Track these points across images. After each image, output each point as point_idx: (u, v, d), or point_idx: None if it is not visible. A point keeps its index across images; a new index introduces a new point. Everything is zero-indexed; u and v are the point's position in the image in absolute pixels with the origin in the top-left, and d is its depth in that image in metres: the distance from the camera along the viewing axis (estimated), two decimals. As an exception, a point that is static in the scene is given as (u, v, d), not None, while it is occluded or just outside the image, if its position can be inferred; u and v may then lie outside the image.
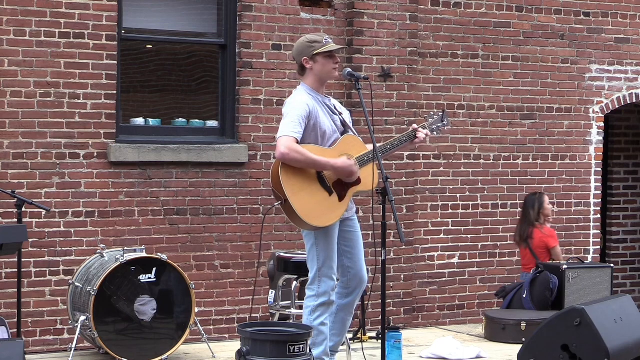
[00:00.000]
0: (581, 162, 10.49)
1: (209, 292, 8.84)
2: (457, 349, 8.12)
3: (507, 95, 10.13)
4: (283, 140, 6.23)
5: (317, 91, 6.48)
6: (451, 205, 9.89)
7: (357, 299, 6.62)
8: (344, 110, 6.67)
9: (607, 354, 6.34)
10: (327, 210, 6.34)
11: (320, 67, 6.44)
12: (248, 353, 5.78)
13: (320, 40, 6.45)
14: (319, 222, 6.31)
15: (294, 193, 6.23)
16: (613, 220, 11.45)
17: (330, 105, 6.55)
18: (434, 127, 6.90)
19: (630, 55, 10.69)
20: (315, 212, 6.28)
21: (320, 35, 6.56)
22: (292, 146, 6.21)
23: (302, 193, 6.26)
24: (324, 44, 6.42)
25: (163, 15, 9.01)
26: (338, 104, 6.69)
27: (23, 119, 8.19)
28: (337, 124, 6.51)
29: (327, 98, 6.59)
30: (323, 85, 6.55)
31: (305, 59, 6.45)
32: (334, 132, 6.47)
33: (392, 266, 9.32)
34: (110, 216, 8.48)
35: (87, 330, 7.36)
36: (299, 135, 6.26)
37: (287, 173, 6.23)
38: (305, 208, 6.24)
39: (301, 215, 6.22)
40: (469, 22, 9.93)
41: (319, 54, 6.41)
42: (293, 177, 6.25)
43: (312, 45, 6.43)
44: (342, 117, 6.57)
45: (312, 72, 6.46)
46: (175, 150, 8.67)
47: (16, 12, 8.15)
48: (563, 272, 9.17)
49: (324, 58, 6.43)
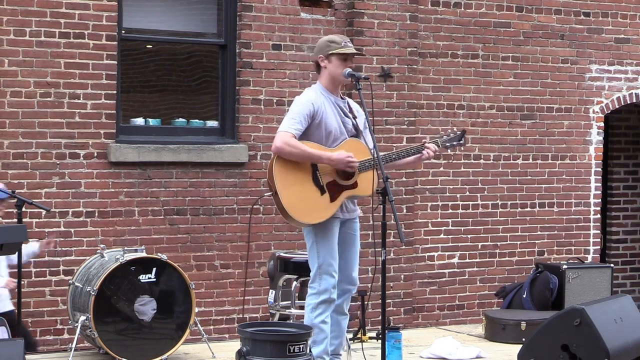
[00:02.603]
0: (581, 162, 10.48)
1: (209, 292, 8.84)
2: (457, 349, 8.12)
3: (507, 95, 10.13)
4: (280, 134, 6.30)
5: (330, 91, 6.49)
6: (451, 205, 9.89)
7: (346, 302, 6.61)
8: (359, 114, 6.63)
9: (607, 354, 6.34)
10: (316, 208, 6.34)
11: (333, 68, 6.46)
12: (248, 353, 5.78)
13: (340, 41, 6.47)
14: (304, 218, 6.34)
15: (285, 187, 6.28)
16: (613, 220, 11.44)
17: (343, 107, 6.55)
18: (448, 144, 6.83)
19: (630, 55, 10.69)
20: (302, 208, 6.31)
21: (341, 37, 6.59)
22: (289, 140, 6.25)
23: (293, 188, 6.30)
24: (342, 45, 6.45)
25: (163, 15, 9.01)
26: (356, 106, 6.67)
27: (23, 119, 8.20)
28: (347, 127, 6.51)
29: (343, 100, 6.58)
30: (337, 87, 6.55)
31: (321, 57, 6.48)
32: (341, 134, 6.47)
33: (392, 266, 9.32)
34: (110, 216, 8.48)
35: (87, 330, 7.36)
36: (298, 132, 6.29)
37: (281, 167, 6.29)
38: (292, 203, 6.28)
39: (287, 209, 6.28)
40: (469, 22, 9.93)
41: (334, 54, 6.43)
42: (286, 172, 6.30)
43: (330, 44, 6.46)
44: (355, 121, 6.56)
45: (326, 72, 6.49)
46: (175, 150, 8.67)
47: (16, 12, 8.15)
48: (563, 272, 9.17)
49: (338, 59, 6.44)
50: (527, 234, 10.25)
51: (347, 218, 6.52)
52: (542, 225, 10.31)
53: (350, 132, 6.53)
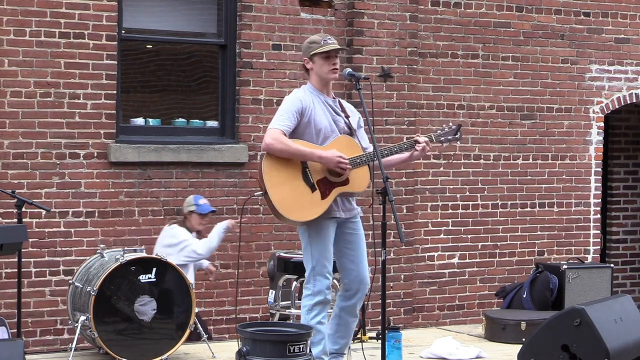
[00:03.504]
0: (581, 162, 10.48)
1: (209, 292, 8.84)
2: (457, 349, 8.11)
3: (507, 95, 10.13)
4: (270, 131, 6.28)
5: (320, 91, 6.48)
6: (451, 205, 9.89)
7: (359, 302, 6.58)
8: (353, 113, 6.63)
9: (607, 354, 6.33)
10: (306, 205, 6.30)
11: (317, 68, 6.43)
12: (248, 353, 5.78)
13: (319, 40, 6.44)
14: (294, 216, 6.29)
15: (274, 185, 6.26)
16: (613, 220, 11.44)
17: (334, 105, 6.53)
18: (443, 139, 6.80)
19: (630, 55, 10.69)
20: (292, 206, 6.27)
21: (321, 35, 6.55)
22: (279, 137, 6.23)
23: (283, 186, 6.27)
24: (322, 44, 6.41)
25: (163, 15, 9.01)
26: (349, 106, 6.65)
27: (23, 119, 8.20)
28: (339, 125, 6.48)
29: (334, 99, 6.57)
30: (327, 86, 6.53)
31: (305, 59, 6.47)
32: (332, 132, 6.45)
33: (392, 266, 9.32)
34: (110, 216, 8.48)
35: (87, 330, 7.36)
36: (287, 128, 6.28)
37: (270, 165, 6.28)
38: (282, 201, 6.25)
39: (277, 208, 6.25)
40: (469, 22, 9.93)
41: (316, 54, 6.42)
42: (276, 170, 6.28)
43: (310, 45, 6.45)
44: (348, 120, 6.55)
45: (313, 72, 6.48)
46: (175, 150, 8.67)
47: (16, 12, 8.15)
48: (563, 272, 9.17)
49: (321, 59, 6.42)
50: (527, 234, 10.25)
51: (345, 217, 6.47)
52: (542, 225, 10.32)
53: (342, 130, 6.49)
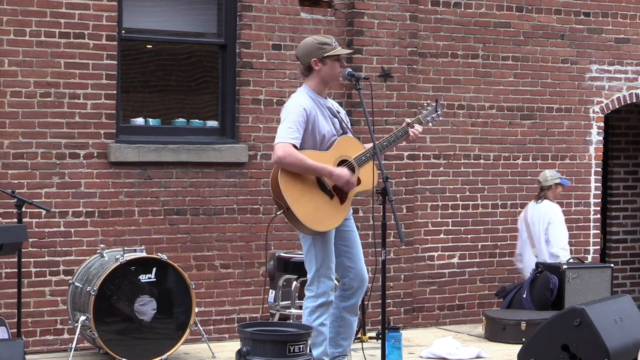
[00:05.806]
0: (581, 162, 10.48)
1: (209, 292, 8.83)
2: (457, 349, 8.12)
3: (507, 95, 10.13)
4: (280, 145, 6.24)
5: (319, 94, 6.47)
6: (451, 205, 9.88)
7: (360, 299, 6.62)
8: (340, 109, 6.67)
9: (607, 354, 6.34)
10: (329, 214, 6.35)
11: (328, 70, 6.43)
12: (248, 353, 5.78)
13: (330, 43, 6.44)
14: (322, 227, 6.32)
15: (295, 200, 6.23)
16: (613, 220, 11.44)
17: (331, 107, 6.54)
18: (429, 119, 6.91)
19: (630, 55, 10.69)
20: (317, 217, 6.28)
21: (328, 37, 6.56)
22: (290, 150, 6.21)
23: (303, 200, 6.26)
24: (334, 47, 6.43)
25: (163, 15, 9.01)
26: (336, 104, 6.68)
27: (23, 119, 8.19)
28: (336, 127, 6.51)
29: (325, 99, 6.58)
30: (326, 88, 6.54)
31: (315, 60, 6.42)
32: (332, 136, 6.47)
33: (392, 266, 9.32)
34: (110, 216, 8.48)
35: (87, 330, 7.36)
36: (297, 141, 6.26)
37: (286, 181, 6.24)
38: (307, 214, 6.25)
39: (304, 222, 6.24)
40: (469, 22, 9.93)
41: (330, 56, 6.41)
42: (292, 184, 6.25)
43: (322, 47, 6.41)
44: (340, 117, 6.57)
45: (318, 74, 6.45)
46: (175, 150, 8.67)
47: (16, 12, 8.15)
48: (563, 272, 9.17)
49: (333, 61, 6.43)
50: (527, 234, 10.24)
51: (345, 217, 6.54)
52: (542, 225, 10.31)
53: (339, 131, 6.54)
